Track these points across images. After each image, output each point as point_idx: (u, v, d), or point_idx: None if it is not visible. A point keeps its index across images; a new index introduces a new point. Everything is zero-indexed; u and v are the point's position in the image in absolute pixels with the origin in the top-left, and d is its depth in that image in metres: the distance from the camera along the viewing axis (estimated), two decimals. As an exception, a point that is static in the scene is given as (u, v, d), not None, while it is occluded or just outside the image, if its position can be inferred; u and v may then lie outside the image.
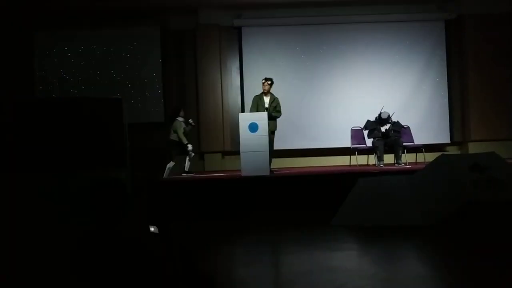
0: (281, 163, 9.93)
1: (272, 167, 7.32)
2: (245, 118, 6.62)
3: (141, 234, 2.09)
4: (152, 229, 2.14)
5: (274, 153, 7.44)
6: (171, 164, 8.27)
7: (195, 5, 10.05)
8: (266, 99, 7.22)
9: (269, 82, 7.22)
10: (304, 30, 10.39)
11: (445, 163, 5.51)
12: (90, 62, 10.27)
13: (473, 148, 10.19)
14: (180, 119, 8.29)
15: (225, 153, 10.37)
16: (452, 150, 10.67)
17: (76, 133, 5.40)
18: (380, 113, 8.26)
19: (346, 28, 10.40)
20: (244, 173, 6.50)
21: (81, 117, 5.51)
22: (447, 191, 4.94)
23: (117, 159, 6.29)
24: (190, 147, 8.18)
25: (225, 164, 10.24)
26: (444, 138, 10.44)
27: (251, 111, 7.12)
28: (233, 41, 10.54)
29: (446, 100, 10.50)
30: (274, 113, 7.09)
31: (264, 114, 6.72)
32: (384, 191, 5.25)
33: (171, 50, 10.55)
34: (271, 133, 7.04)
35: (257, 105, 7.12)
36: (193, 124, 8.55)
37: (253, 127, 6.49)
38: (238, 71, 10.49)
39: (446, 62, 10.52)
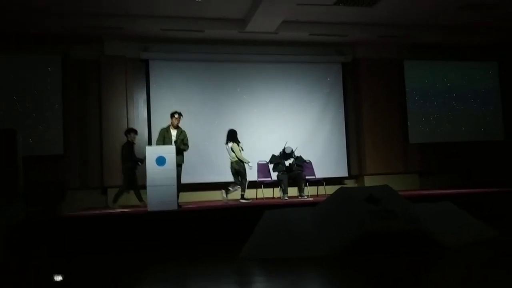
0: (189, 197, 9.84)
1: (180, 201, 7.23)
2: (152, 152, 6.50)
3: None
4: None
5: (182, 187, 7.36)
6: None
7: (100, 34, 9.83)
8: (174, 132, 7.17)
9: (178, 116, 7.20)
10: (212, 66, 10.60)
11: (344, 196, 5.82)
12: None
13: (369, 181, 10.96)
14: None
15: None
16: (350, 183, 11.36)
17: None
18: (284, 148, 8.59)
19: (252, 66, 10.79)
20: (150, 207, 6.33)
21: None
22: (346, 222, 5.22)
23: (9, 194, 5.91)
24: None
25: (130, 199, 9.87)
26: (343, 172, 11.08)
27: (157, 144, 7.03)
28: (140, 73, 10.42)
29: (344, 136, 11.20)
30: (182, 146, 7.06)
31: (172, 148, 6.65)
32: (289, 222, 5.40)
33: (74, 80, 10.15)
34: (178, 166, 6.98)
35: (164, 138, 7.05)
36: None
37: (161, 161, 6.40)
38: (145, 103, 10.34)
39: (343, 101, 11.30)
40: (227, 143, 8.34)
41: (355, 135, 11.37)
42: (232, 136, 8.32)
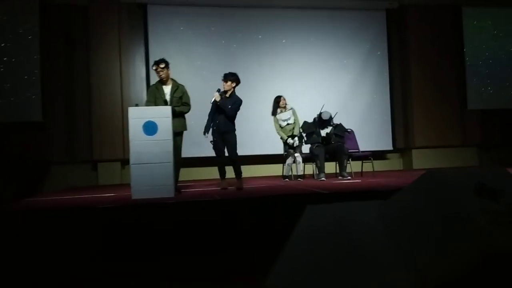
0: (192, 174, 7.97)
1: (180, 180, 5.35)
2: (138, 115, 4.52)
3: None
4: None
5: (184, 162, 5.46)
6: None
7: (87, -28, 7.83)
8: (166, 89, 5.18)
9: (162, 66, 5.12)
10: (226, 12, 8.52)
11: (436, 185, 3.47)
12: None
13: (418, 156, 9.00)
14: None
15: (125, 162, 8.15)
16: (394, 158, 9.35)
17: None
18: (321, 113, 6.58)
19: (274, 12, 8.70)
20: (135, 195, 4.43)
21: None
22: (447, 233, 2.89)
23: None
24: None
25: (125, 176, 8.04)
26: (386, 145, 9.08)
27: (147, 106, 5.06)
28: (137, 21, 8.42)
29: (388, 100, 9.14)
30: (179, 107, 5.14)
31: (167, 109, 4.66)
32: (347, 232, 3.19)
33: (56, 29, 8.20)
34: (177, 135, 5.05)
35: (155, 99, 5.10)
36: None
37: (150, 128, 4.46)
38: (143, 59, 8.38)
39: (387, 57, 9.18)
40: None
41: (401, 100, 9.28)
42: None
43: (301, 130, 6.66)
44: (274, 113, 6.75)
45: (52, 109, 8.07)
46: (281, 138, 6.64)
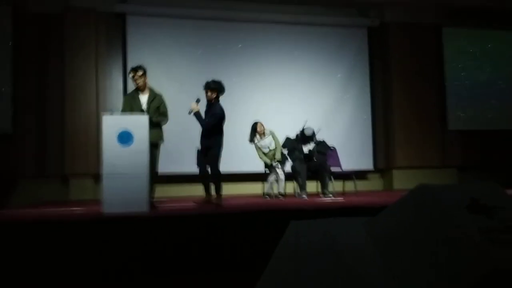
0: (168, 192, 7.62)
1: (155, 196, 5.07)
2: (113, 123, 4.25)
3: None
4: None
5: (160, 178, 5.18)
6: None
7: (64, -20, 7.60)
8: (143, 98, 4.90)
9: (140, 73, 4.86)
10: (207, 25, 8.36)
11: (428, 200, 3.23)
12: None
13: (398, 176, 8.89)
14: None
15: (99, 177, 7.77)
16: (374, 179, 9.23)
17: None
18: (303, 129, 6.41)
19: (256, 27, 8.59)
20: (106, 208, 4.13)
21: None
22: (443, 252, 2.64)
23: None
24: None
25: (99, 192, 7.65)
26: (366, 164, 8.95)
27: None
28: (115, 32, 8.17)
29: (369, 119, 9.05)
30: (156, 116, 4.86)
31: (143, 118, 4.39)
32: (334, 252, 2.92)
33: (29, 39, 7.88)
34: (154, 146, 4.79)
35: (131, 107, 4.83)
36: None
37: (125, 137, 4.19)
38: (121, 70, 8.10)
39: (369, 76, 9.13)
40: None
41: (382, 119, 9.20)
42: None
43: (282, 150, 6.51)
44: (251, 139, 6.57)
45: (22, 121, 7.70)
46: (265, 162, 6.48)
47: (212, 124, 5.12)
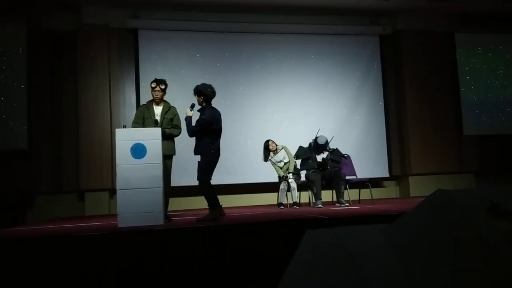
0: (182, 204, 7.65)
1: (169, 210, 5.06)
2: (125, 137, 4.27)
3: None
4: None
5: (173, 191, 5.18)
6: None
7: (77, -2, 7.71)
8: (157, 109, 4.93)
9: (163, 87, 4.94)
10: (218, 37, 8.41)
11: (447, 205, 3.18)
12: None
13: (414, 183, 8.81)
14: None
15: (114, 192, 7.81)
16: (390, 186, 9.13)
17: None
18: (316, 137, 6.37)
19: (268, 38, 8.61)
20: (122, 223, 4.13)
21: None
22: (466, 259, 2.57)
23: None
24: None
25: (114, 207, 7.68)
26: (382, 172, 8.86)
27: (133, 126, 4.83)
28: (127, 47, 8.26)
29: (383, 127, 8.97)
30: (169, 129, 4.87)
31: (156, 130, 4.42)
32: (351, 258, 2.87)
33: (43, 56, 8.01)
34: (167, 158, 4.79)
35: (144, 119, 4.86)
36: None
37: (139, 151, 4.20)
38: (134, 85, 8.18)
39: (382, 83, 9.07)
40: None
41: (396, 126, 9.13)
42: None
43: (295, 164, 6.52)
44: (265, 159, 6.60)
45: (37, 137, 7.80)
46: (280, 176, 6.50)
47: (195, 131, 4.76)
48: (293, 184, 6.23)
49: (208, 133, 4.75)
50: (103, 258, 3.44)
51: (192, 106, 4.91)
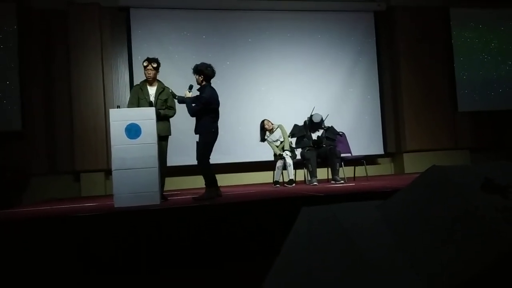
0: (177, 184, 7.64)
1: (166, 189, 5.07)
2: (120, 117, 4.24)
3: None
4: None
5: (169, 171, 5.18)
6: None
7: (67, -24, 7.56)
8: (151, 90, 4.89)
9: (155, 65, 4.91)
10: (211, 15, 8.31)
11: (442, 182, 3.18)
12: None
13: (409, 159, 8.81)
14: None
15: (109, 172, 7.81)
16: (385, 163, 9.17)
17: None
18: (311, 115, 6.36)
19: (262, 15, 8.52)
20: (118, 203, 4.14)
21: None
22: (461, 234, 2.59)
23: None
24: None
25: (110, 187, 7.70)
26: (376, 149, 8.89)
27: (129, 107, 4.80)
28: (119, 26, 8.15)
29: (378, 103, 8.96)
30: (164, 110, 4.85)
31: (150, 110, 4.40)
32: (346, 234, 2.88)
33: (34, 35, 7.89)
34: (162, 139, 4.77)
35: (138, 99, 4.83)
36: None
37: (133, 131, 4.18)
38: (127, 64, 8.10)
39: (376, 60, 9.03)
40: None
41: (391, 103, 9.12)
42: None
43: (290, 142, 6.50)
44: (262, 139, 6.56)
45: (31, 118, 7.74)
46: (276, 154, 6.48)
47: (197, 110, 4.74)
48: (289, 161, 6.24)
49: (208, 112, 4.76)
50: (100, 238, 3.46)
51: (191, 87, 4.91)
